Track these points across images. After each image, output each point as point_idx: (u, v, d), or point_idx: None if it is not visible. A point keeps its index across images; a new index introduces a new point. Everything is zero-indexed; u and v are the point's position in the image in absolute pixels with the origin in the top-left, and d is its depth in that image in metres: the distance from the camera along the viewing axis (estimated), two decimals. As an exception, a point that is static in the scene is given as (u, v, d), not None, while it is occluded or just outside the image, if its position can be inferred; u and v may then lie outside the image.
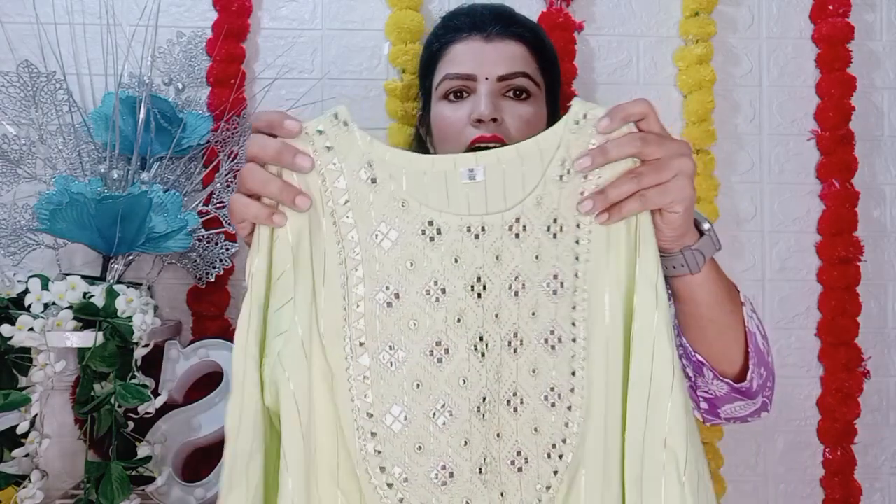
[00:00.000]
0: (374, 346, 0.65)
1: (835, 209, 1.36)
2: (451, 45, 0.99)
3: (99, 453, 1.11)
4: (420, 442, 0.65)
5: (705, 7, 1.34)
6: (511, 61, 0.96)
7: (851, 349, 1.36)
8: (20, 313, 1.02)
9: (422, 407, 0.65)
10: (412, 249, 0.66)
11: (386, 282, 0.66)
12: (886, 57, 1.41)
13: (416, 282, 0.66)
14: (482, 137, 0.92)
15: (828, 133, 1.37)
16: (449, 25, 1.02)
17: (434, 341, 0.66)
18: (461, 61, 0.97)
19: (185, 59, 1.27)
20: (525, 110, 0.96)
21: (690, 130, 1.35)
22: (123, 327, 1.04)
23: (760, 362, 0.82)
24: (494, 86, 0.95)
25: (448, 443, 0.65)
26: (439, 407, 0.65)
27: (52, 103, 1.21)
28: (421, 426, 0.65)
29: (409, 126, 1.32)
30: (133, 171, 1.17)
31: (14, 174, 1.19)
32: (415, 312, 0.66)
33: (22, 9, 1.29)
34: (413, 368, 0.65)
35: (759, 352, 0.81)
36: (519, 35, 0.98)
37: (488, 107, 0.92)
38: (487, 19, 0.98)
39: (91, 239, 1.12)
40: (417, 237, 0.66)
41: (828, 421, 1.36)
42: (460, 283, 0.66)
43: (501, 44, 0.96)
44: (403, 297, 0.66)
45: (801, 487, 1.38)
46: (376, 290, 0.66)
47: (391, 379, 0.65)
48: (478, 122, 0.93)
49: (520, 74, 0.95)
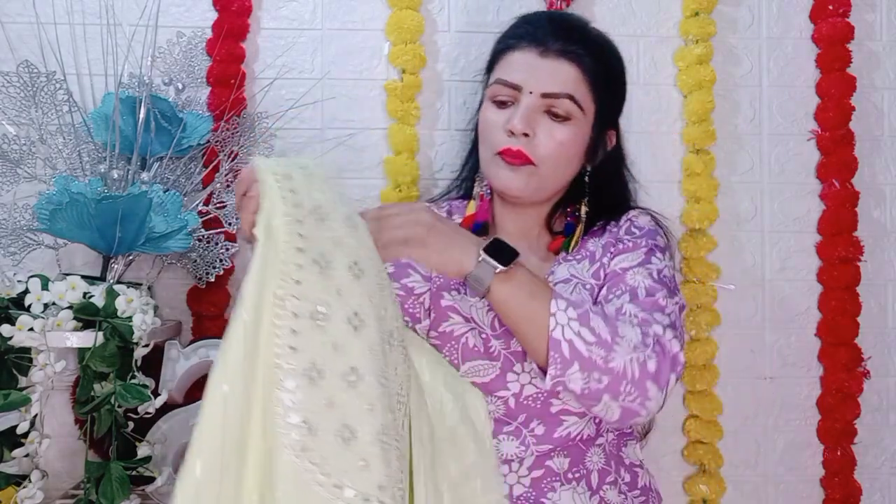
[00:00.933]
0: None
1: (835, 209, 1.36)
2: (510, 52, 1.00)
3: (99, 453, 1.11)
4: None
5: (705, 7, 1.35)
6: (559, 81, 0.97)
7: (851, 349, 1.36)
8: (20, 313, 1.02)
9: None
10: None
11: None
12: (886, 57, 1.41)
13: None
14: (508, 150, 0.97)
15: (828, 133, 1.37)
16: (515, 31, 1.02)
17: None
18: (512, 70, 0.99)
19: (185, 59, 1.27)
20: (561, 132, 0.97)
21: (690, 130, 1.35)
22: (123, 327, 1.04)
23: (587, 367, 0.82)
24: (537, 101, 0.97)
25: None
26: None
27: (52, 103, 1.21)
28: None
29: (408, 126, 1.32)
30: (133, 171, 1.18)
31: (14, 174, 1.19)
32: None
33: (22, 9, 1.29)
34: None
35: (581, 358, 0.82)
36: (575, 55, 0.97)
37: (522, 121, 0.96)
38: (548, 33, 0.98)
39: (91, 239, 1.12)
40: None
41: (828, 421, 1.36)
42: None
43: (554, 62, 0.97)
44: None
45: (801, 487, 1.38)
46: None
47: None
48: (510, 132, 0.97)
49: (563, 96, 0.96)
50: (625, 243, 1.01)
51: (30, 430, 1.03)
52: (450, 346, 0.99)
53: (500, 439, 0.97)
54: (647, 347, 0.85)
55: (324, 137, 1.32)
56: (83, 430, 1.07)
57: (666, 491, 1.29)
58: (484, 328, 1.00)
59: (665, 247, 1.02)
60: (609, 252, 1.01)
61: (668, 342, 0.87)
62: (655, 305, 0.92)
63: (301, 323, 0.66)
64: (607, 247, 1.02)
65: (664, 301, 0.93)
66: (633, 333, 0.85)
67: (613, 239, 1.03)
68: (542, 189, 1.02)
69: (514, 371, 0.97)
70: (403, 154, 1.32)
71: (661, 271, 0.97)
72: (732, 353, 1.37)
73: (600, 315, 0.86)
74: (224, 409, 0.63)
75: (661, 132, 1.38)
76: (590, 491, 0.97)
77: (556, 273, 1.03)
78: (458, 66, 1.36)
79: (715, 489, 1.33)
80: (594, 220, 1.06)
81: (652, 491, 1.05)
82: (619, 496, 0.99)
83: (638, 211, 1.06)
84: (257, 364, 0.65)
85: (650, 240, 1.01)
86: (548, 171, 0.99)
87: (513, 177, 0.99)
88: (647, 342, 0.85)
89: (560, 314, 0.84)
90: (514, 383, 0.97)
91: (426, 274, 1.04)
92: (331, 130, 1.33)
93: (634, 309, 0.90)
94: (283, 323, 0.66)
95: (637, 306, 0.91)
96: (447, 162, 1.36)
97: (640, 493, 1.02)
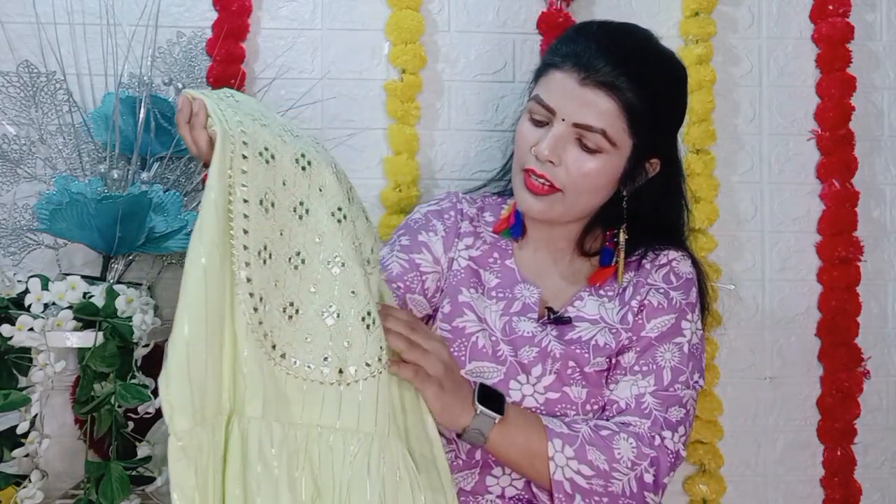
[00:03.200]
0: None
1: (835, 209, 1.36)
2: (554, 70, 0.96)
3: (99, 453, 1.11)
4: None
5: (705, 7, 1.34)
6: (593, 114, 0.93)
7: (851, 349, 1.36)
8: (20, 313, 1.02)
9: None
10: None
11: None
12: (886, 57, 1.41)
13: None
14: (532, 170, 0.97)
15: (828, 133, 1.37)
16: (563, 47, 0.97)
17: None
18: (550, 93, 0.96)
19: (185, 59, 1.27)
20: (589, 164, 0.95)
21: (690, 130, 1.35)
22: (123, 327, 1.04)
23: (589, 495, 0.89)
24: (568, 129, 0.94)
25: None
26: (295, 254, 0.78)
27: (52, 103, 1.21)
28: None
29: (408, 126, 1.32)
30: (133, 171, 1.18)
31: (14, 174, 1.19)
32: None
33: (22, 9, 1.29)
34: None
35: (582, 490, 0.89)
36: (614, 88, 0.92)
37: (549, 147, 0.94)
38: (595, 55, 0.93)
39: (91, 239, 1.12)
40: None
41: (828, 421, 1.36)
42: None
43: (592, 92, 0.92)
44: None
45: (801, 487, 1.38)
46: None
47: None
48: (537, 157, 0.96)
49: (595, 130, 0.93)
50: (657, 297, 1.00)
51: (30, 430, 1.03)
52: (459, 342, 0.99)
53: None
54: (645, 460, 0.91)
55: (324, 137, 1.32)
56: (83, 430, 1.07)
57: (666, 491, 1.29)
58: (494, 331, 1.00)
59: (696, 302, 1.02)
60: (638, 295, 1.01)
61: (671, 445, 0.93)
62: (674, 400, 0.95)
63: (250, 208, 0.74)
64: (638, 287, 1.01)
65: (683, 392, 0.96)
66: (630, 451, 0.90)
67: (646, 280, 1.02)
68: (567, 214, 1.00)
69: (517, 380, 0.97)
70: (403, 154, 1.32)
71: (691, 341, 0.99)
72: (732, 353, 1.37)
73: (596, 443, 0.90)
74: (205, 280, 0.69)
75: (661, 132, 1.38)
76: None
77: (585, 304, 1.02)
78: (458, 66, 1.36)
79: (715, 489, 1.33)
80: (633, 246, 1.04)
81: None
82: None
83: (681, 254, 1.04)
84: (224, 243, 0.72)
85: (683, 298, 1.00)
86: (573, 198, 0.97)
87: (535, 202, 0.98)
88: (646, 453, 0.91)
89: (558, 456, 0.89)
90: (516, 391, 0.97)
91: (436, 257, 1.05)
92: (331, 130, 1.33)
93: (654, 403, 0.95)
94: (235, 207, 0.73)
95: (657, 399, 0.95)
96: (447, 162, 1.36)
97: None
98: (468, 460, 0.99)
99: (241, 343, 0.73)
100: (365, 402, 0.77)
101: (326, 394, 0.77)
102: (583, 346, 0.98)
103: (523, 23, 1.35)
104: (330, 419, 0.77)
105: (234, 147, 0.73)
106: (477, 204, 1.12)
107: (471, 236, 1.08)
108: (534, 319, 1.01)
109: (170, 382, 0.68)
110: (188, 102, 0.77)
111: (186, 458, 0.69)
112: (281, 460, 0.73)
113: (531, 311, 1.02)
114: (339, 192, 0.79)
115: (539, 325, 1.00)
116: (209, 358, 0.69)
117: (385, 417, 0.78)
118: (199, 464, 0.69)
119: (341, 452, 0.76)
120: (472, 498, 0.99)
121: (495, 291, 1.04)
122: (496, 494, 0.98)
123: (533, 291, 1.03)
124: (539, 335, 0.99)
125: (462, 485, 0.99)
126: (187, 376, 0.68)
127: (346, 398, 0.77)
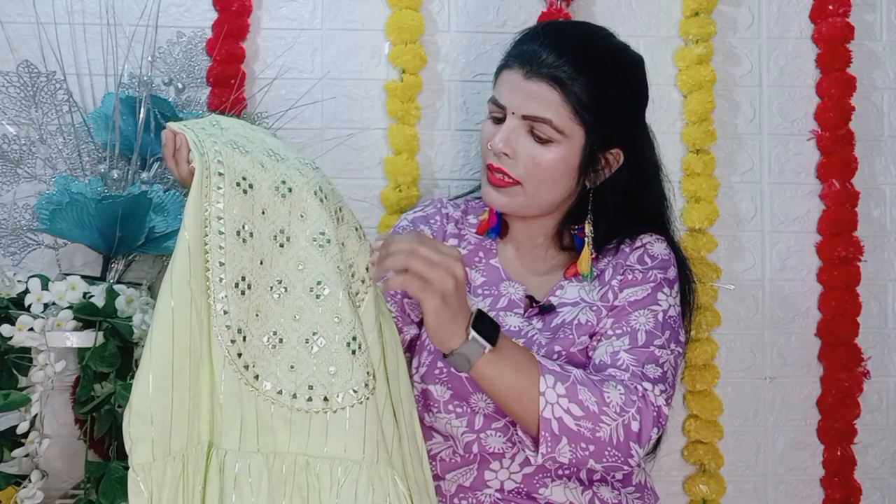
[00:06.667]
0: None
1: (835, 209, 1.36)
2: (503, 70, 1.01)
3: (99, 453, 1.11)
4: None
5: (705, 7, 1.35)
6: (538, 104, 0.96)
7: (851, 349, 1.36)
8: (20, 313, 1.02)
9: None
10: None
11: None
12: (886, 57, 1.41)
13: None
14: (490, 165, 1.00)
15: (828, 133, 1.37)
16: (512, 48, 1.02)
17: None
18: (501, 90, 1.00)
19: (185, 59, 1.27)
20: (542, 154, 0.97)
21: (690, 130, 1.35)
22: (123, 327, 1.04)
23: (576, 440, 0.87)
24: (519, 122, 0.98)
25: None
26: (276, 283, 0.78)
27: (52, 103, 1.21)
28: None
29: (408, 126, 1.32)
30: (133, 171, 1.18)
31: (14, 174, 1.19)
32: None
33: (22, 9, 1.29)
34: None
35: (570, 433, 0.87)
36: (556, 79, 0.95)
37: (502, 140, 0.98)
38: (539, 49, 0.97)
39: (91, 239, 1.13)
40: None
41: (828, 421, 1.36)
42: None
43: (535, 85, 0.96)
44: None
45: (801, 487, 1.38)
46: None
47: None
48: (492, 150, 0.99)
49: (542, 120, 0.96)
50: (634, 273, 1.01)
51: (30, 430, 1.03)
52: None
53: (487, 434, 0.98)
54: (632, 407, 0.89)
55: (324, 137, 1.32)
56: (83, 430, 1.07)
57: (666, 491, 1.29)
58: None
59: (674, 280, 1.02)
60: (618, 275, 1.02)
61: (653, 398, 0.91)
62: (650, 357, 0.95)
63: (227, 240, 0.75)
64: (617, 268, 1.03)
65: (659, 352, 0.95)
66: (619, 396, 0.89)
67: (624, 262, 1.03)
68: (530, 206, 1.01)
69: None
70: (403, 154, 1.32)
71: (667, 311, 0.99)
72: (732, 353, 1.38)
73: (587, 385, 0.89)
74: (171, 317, 0.71)
75: (661, 132, 1.37)
76: (582, 486, 0.98)
77: (566, 290, 1.04)
78: (458, 66, 1.36)
79: (715, 489, 1.33)
80: (609, 237, 1.05)
81: (647, 489, 1.06)
82: (612, 492, 1.00)
83: (654, 237, 1.05)
84: (199, 277, 0.73)
85: (660, 273, 1.01)
86: (532, 189, 0.99)
87: (496, 195, 1.01)
88: (633, 400, 0.90)
89: (549, 392, 0.87)
90: None
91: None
92: (331, 130, 1.33)
93: (629, 359, 0.94)
94: (211, 240, 0.74)
95: (632, 356, 0.94)
96: (447, 162, 1.36)
97: (634, 490, 1.03)
98: (466, 455, 1.00)
99: (217, 375, 0.74)
100: (352, 430, 0.77)
101: (313, 422, 0.77)
102: (566, 328, 1.00)
103: (523, 23, 1.35)
104: (317, 447, 0.77)
105: (210, 181, 0.75)
106: (461, 207, 1.15)
107: (456, 238, 1.11)
108: (520, 314, 1.03)
109: (131, 417, 0.70)
110: (171, 137, 0.80)
111: (146, 492, 0.71)
112: (259, 492, 0.74)
113: (517, 307, 1.04)
114: (321, 216, 0.79)
115: (525, 319, 1.02)
116: (175, 393, 0.71)
117: (374, 444, 0.77)
118: (160, 496, 0.71)
119: (328, 481, 0.76)
120: (471, 493, 0.99)
121: (481, 289, 1.06)
122: (495, 488, 0.98)
123: (518, 288, 1.05)
124: (525, 328, 1.01)
125: (461, 481, 1.00)
126: (149, 411, 0.70)
127: (332, 426, 0.77)
